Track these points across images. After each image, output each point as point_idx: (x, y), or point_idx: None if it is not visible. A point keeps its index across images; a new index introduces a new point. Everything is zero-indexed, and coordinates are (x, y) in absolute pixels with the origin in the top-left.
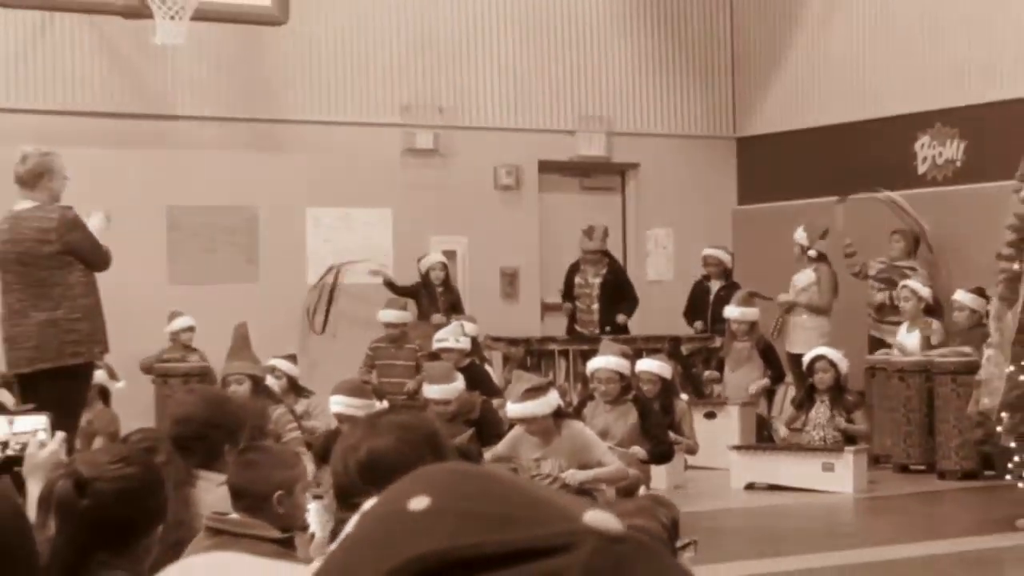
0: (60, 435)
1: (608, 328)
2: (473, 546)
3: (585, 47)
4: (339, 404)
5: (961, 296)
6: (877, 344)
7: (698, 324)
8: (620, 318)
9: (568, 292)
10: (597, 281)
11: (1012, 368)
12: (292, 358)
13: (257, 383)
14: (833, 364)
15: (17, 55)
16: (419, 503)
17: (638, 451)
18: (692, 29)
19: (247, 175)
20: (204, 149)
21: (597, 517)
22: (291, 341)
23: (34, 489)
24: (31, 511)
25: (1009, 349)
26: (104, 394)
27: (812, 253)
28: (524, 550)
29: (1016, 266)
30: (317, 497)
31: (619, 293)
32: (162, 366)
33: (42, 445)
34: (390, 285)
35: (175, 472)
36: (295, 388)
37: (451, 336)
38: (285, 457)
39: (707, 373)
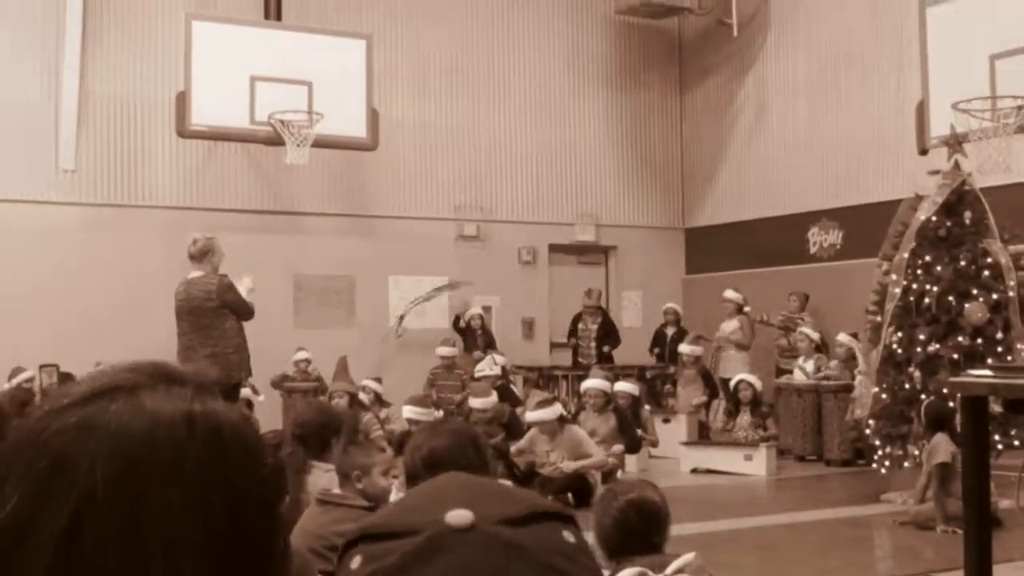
0: None
1: (598, 359)
2: (373, 525)
3: (581, 164)
4: (410, 412)
5: (842, 337)
6: (781, 371)
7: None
8: (605, 349)
9: (573, 333)
10: (594, 327)
11: (876, 389)
12: (378, 379)
13: (353, 397)
14: (751, 385)
15: (192, 170)
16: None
17: (617, 448)
18: (654, 150)
19: (348, 253)
20: (319, 235)
21: (454, 514)
22: (378, 368)
23: None
24: None
25: (874, 375)
26: (249, 405)
27: (747, 309)
28: (392, 532)
29: (879, 318)
30: (395, 477)
31: (607, 334)
32: (288, 385)
33: None
34: (457, 320)
35: (296, 461)
36: (379, 400)
37: (487, 367)
38: (368, 449)
39: (665, 391)
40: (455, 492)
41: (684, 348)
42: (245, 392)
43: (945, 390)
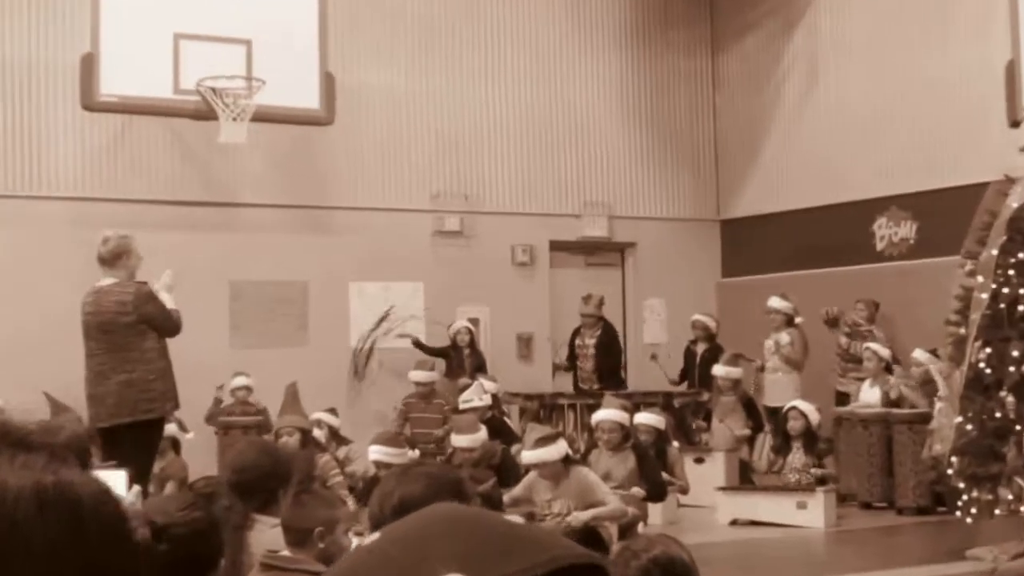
0: (136, 489)
1: (602, 383)
2: None
3: (589, 142)
4: (377, 453)
5: (919, 354)
6: (842, 397)
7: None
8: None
9: (571, 353)
10: (592, 342)
11: (960, 419)
12: (333, 411)
13: (306, 434)
14: (804, 414)
15: (102, 151)
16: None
17: (637, 492)
18: (681, 126)
19: (299, 254)
20: (262, 232)
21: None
22: (335, 397)
23: None
24: None
25: (957, 402)
26: (175, 444)
27: (799, 320)
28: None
29: (962, 330)
30: (359, 534)
31: (606, 352)
32: (224, 419)
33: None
34: (418, 345)
35: (234, 516)
36: (336, 437)
37: (475, 396)
38: (330, 499)
39: (696, 424)
40: (444, 542)
41: (719, 370)
42: (170, 429)
43: None
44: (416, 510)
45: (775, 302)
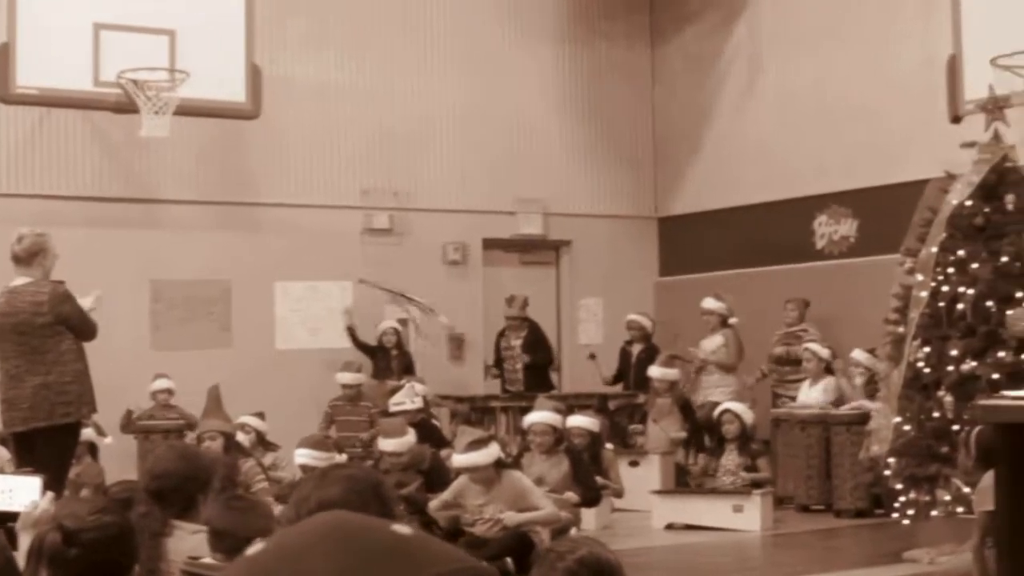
0: (50, 495)
1: (527, 382)
2: None
3: (524, 137)
4: (304, 456)
5: (857, 355)
6: (778, 399)
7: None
8: (525, 358)
9: (497, 355)
10: (518, 343)
11: (898, 419)
12: (260, 415)
13: (229, 438)
14: (738, 416)
15: (18, 145)
16: None
17: (570, 496)
18: (618, 121)
19: (223, 252)
20: (184, 229)
21: None
22: (260, 401)
23: (25, 542)
24: (21, 562)
25: (896, 403)
26: (92, 449)
27: (733, 321)
28: None
29: (901, 329)
30: None
31: (535, 352)
32: (144, 423)
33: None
34: (352, 333)
35: (151, 523)
36: (263, 442)
37: (406, 399)
38: (266, 508)
39: (632, 427)
40: (325, 558)
41: (655, 371)
42: (87, 433)
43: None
44: None
45: (709, 303)
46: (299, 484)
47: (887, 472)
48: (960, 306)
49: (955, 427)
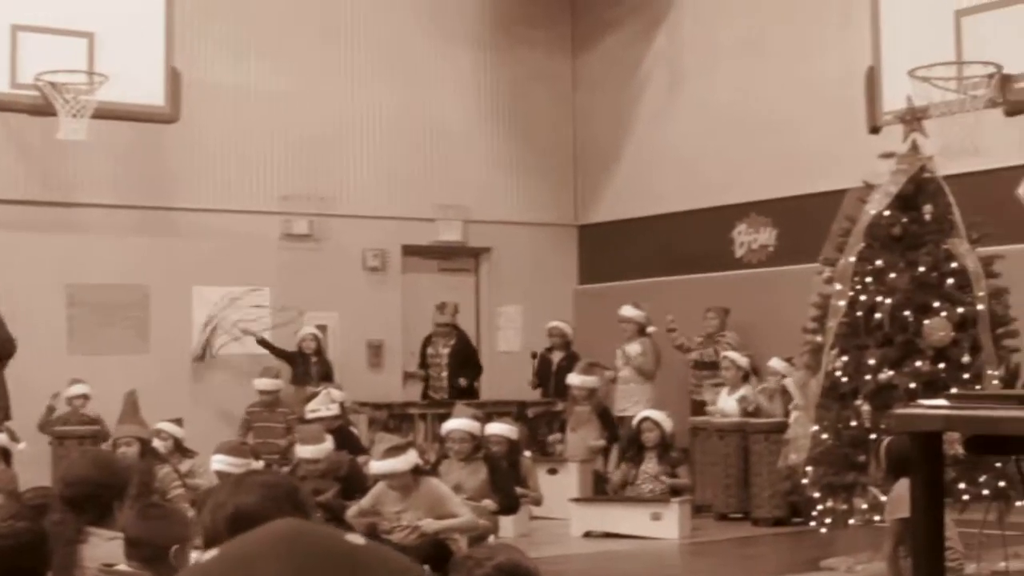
0: None
1: (453, 393)
2: None
3: (445, 144)
4: (220, 463)
5: (775, 363)
6: (697, 406)
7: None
8: (461, 382)
9: (423, 361)
10: (446, 351)
11: (816, 428)
12: (178, 421)
13: (145, 445)
14: (658, 424)
15: None
16: None
17: (488, 504)
18: (539, 129)
19: (140, 257)
20: (101, 233)
21: None
22: (178, 406)
23: None
24: None
25: (813, 411)
26: (6, 455)
27: (651, 329)
28: None
29: (819, 338)
30: (197, 548)
31: (465, 361)
32: (59, 429)
33: None
34: (264, 344)
35: (66, 530)
36: (180, 449)
37: (322, 406)
38: (182, 515)
39: (551, 436)
40: (276, 565)
41: (574, 379)
42: (1, 439)
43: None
44: (251, 521)
45: (627, 311)
46: (215, 490)
47: (805, 481)
48: (878, 315)
49: (872, 436)
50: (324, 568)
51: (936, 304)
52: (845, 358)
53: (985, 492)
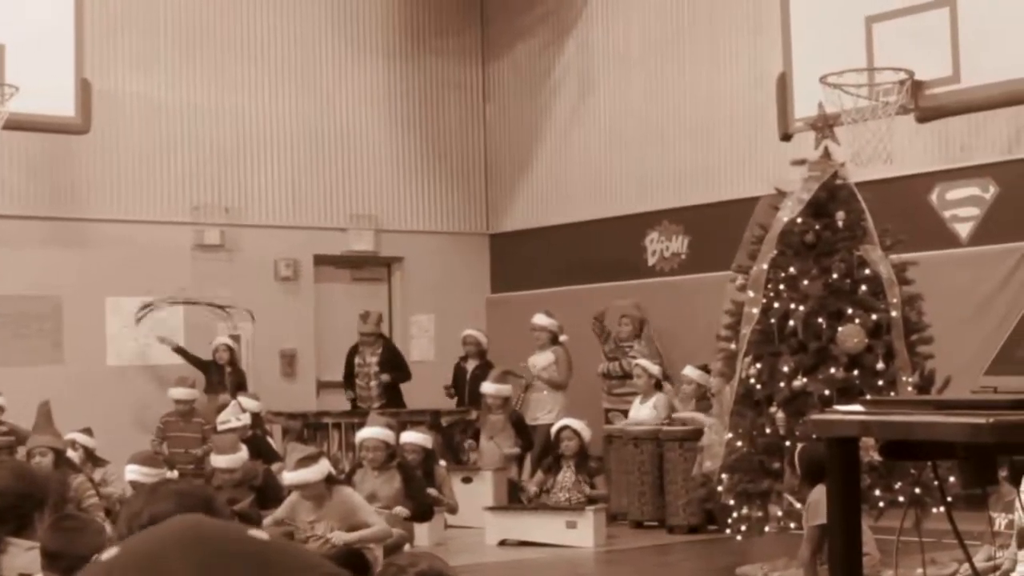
0: None
1: (383, 398)
2: None
3: (356, 153)
4: (134, 472)
5: (689, 371)
6: (609, 414)
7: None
8: (384, 376)
9: (349, 372)
10: (374, 360)
11: (731, 435)
12: (88, 431)
13: (59, 455)
14: (577, 433)
15: None
16: None
17: (401, 511)
18: (450, 138)
19: (53, 267)
20: (13, 245)
21: None
22: (91, 416)
23: None
24: None
25: (728, 419)
26: None
27: (563, 338)
28: None
29: (733, 346)
30: None
31: (395, 368)
32: None
33: None
34: (180, 351)
35: None
36: (92, 458)
37: (232, 416)
38: (98, 526)
39: (467, 443)
40: (183, 563)
41: (488, 387)
42: None
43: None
44: None
45: (540, 319)
46: (129, 500)
47: (720, 488)
48: (791, 323)
49: (787, 443)
50: (229, 563)
51: (850, 311)
52: (759, 365)
53: (901, 499)
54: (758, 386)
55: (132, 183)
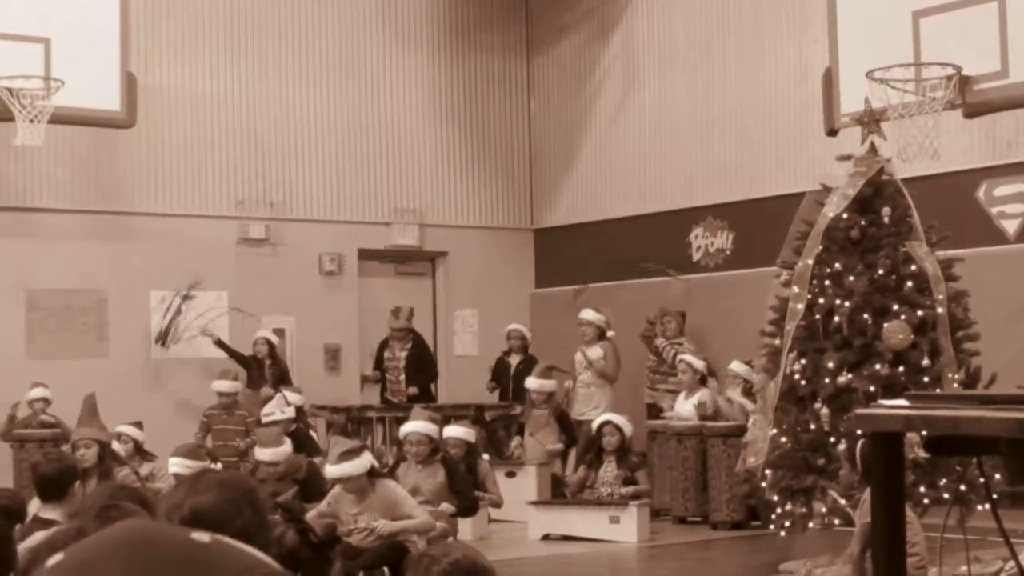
0: None
1: (409, 398)
2: None
3: (400, 147)
4: (177, 465)
5: (736, 366)
6: (653, 409)
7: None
8: (411, 390)
9: (379, 364)
10: (403, 355)
11: (775, 431)
12: (138, 425)
13: (105, 447)
14: (619, 428)
15: None
16: None
17: (448, 507)
18: (494, 133)
19: (98, 261)
20: (59, 238)
21: None
22: (136, 409)
23: None
24: None
25: (772, 414)
26: None
27: (611, 333)
28: None
29: (777, 341)
30: None
31: (421, 366)
32: (19, 432)
33: None
34: (221, 345)
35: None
36: (140, 452)
37: (276, 409)
38: (143, 516)
39: (514, 440)
40: (119, 566)
41: (532, 383)
42: None
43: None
44: (209, 523)
45: (587, 314)
46: (170, 492)
47: (763, 484)
48: (836, 319)
49: (831, 439)
50: (166, 568)
51: (895, 307)
52: (803, 361)
53: (945, 496)
54: (802, 382)
55: (177, 177)
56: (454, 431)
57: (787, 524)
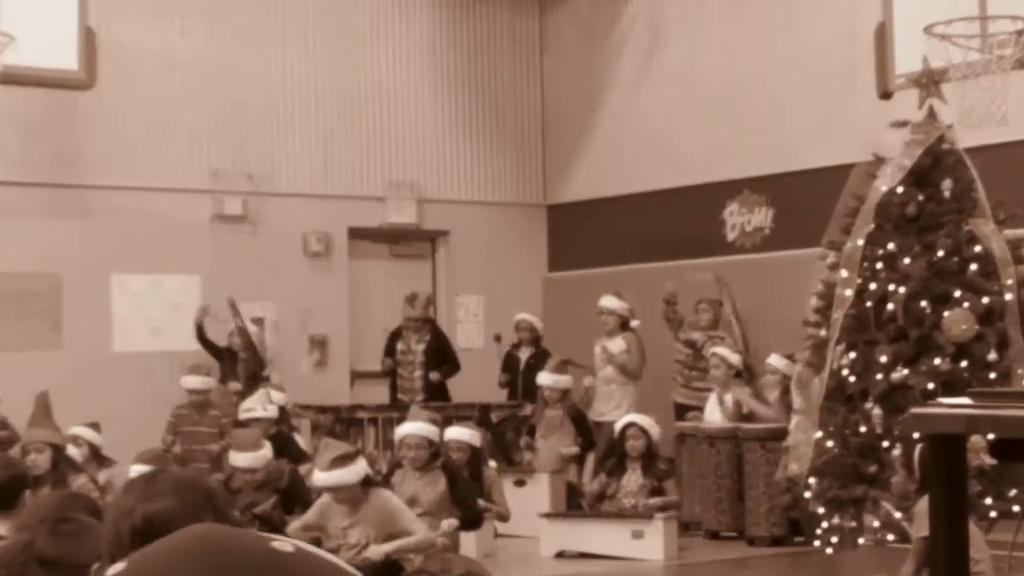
0: None
1: (427, 392)
2: None
3: (395, 113)
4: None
5: (775, 360)
6: (682, 410)
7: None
8: (433, 375)
9: (391, 355)
10: (420, 348)
11: (820, 434)
12: (95, 426)
13: (57, 452)
14: (645, 431)
15: None
16: None
17: (452, 523)
18: (502, 96)
19: (52, 241)
20: (8, 215)
21: None
22: (95, 408)
23: None
24: None
25: (816, 415)
26: None
27: (635, 323)
28: None
29: (823, 332)
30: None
31: (442, 360)
32: None
33: None
34: (200, 328)
35: None
36: (97, 457)
37: (258, 405)
38: (98, 529)
39: (524, 441)
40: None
41: (545, 378)
42: None
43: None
44: (162, 531)
45: (608, 301)
46: (119, 496)
47: (807, 494)
48: (890, 306)
49: (884, 443)
50: None
51: (957, 293)
52: (853, 355)
53: (1015, 508)
54: (851, 378)
55: (142, 146)
56: (457, 433)
57: (834, 540)
